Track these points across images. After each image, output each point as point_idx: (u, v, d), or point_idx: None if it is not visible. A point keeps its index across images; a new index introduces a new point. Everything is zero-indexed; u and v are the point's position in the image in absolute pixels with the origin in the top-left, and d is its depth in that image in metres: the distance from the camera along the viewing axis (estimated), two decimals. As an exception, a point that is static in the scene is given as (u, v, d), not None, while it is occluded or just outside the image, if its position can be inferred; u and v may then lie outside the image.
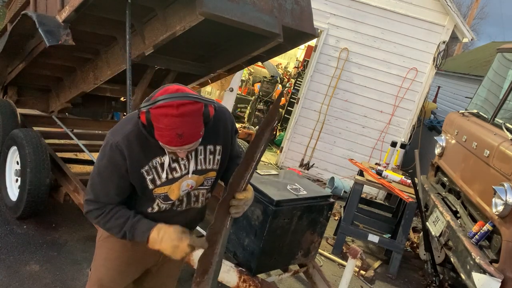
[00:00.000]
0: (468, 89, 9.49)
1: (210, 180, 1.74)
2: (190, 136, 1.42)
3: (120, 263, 1.80)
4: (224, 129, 1.71)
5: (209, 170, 1.70)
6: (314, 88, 6.57)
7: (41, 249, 3.18)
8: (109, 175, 1.58)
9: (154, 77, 3.87)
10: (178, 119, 1.38)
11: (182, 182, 1.64)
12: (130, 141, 1.54)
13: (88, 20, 3.01)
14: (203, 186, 1.73)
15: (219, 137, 1.69)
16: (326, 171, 6.77)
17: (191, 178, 1.66)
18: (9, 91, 4.18)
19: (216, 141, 1.68)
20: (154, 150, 1.56)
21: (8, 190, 3.57)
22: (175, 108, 1.37)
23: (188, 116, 1.40)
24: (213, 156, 1.68)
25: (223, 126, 1.70)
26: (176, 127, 1.39)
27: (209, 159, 1.68)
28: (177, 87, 1.45)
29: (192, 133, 1.43)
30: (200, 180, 1.70)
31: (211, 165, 1.69)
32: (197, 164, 1.65)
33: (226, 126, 1.71)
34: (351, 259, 2.71)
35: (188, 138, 1.42)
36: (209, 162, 1.68)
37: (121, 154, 1.54)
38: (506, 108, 3.95)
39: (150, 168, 1.58)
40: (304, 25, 3.11)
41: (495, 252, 3.14)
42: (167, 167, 1.59)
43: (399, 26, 6.23)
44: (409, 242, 5.15)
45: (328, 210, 2.86)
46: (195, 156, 1.63)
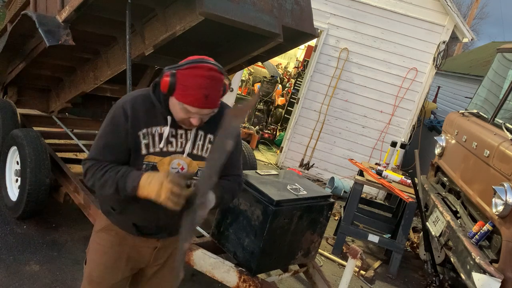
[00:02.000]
0: (468, 89, 9.49)
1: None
2: (213, 100, 1.49)
3: (108, 258, 1.79)
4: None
5: (204, 159, 1.68)
6: (314, 88, 6.58)
7: (41, 249, 3.18)
8: (108, 134, 1.60)
9: (154, 77, 3.87)
10: (208, 81, 1.46)
11: (174, 159, 1.63)
12: (135, 103, 1.59)
13: (88, 20, 3.01)
14: (197, 176, 1.69)
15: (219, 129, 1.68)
16: (326, 171, 6.77)
17: (184, 159, 1.65)
18: (9, 91, 4.18)
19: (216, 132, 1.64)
20: (157, 118, 1.59)
21: (8, 190, 3.57)
22: (206, 70, 1.47)
23: (216, 81, 1.48)
24: (211, 145, 1.69)
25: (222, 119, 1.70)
26: (204, 87, 1.46)
27: (207, 148, 1.68)
28: (202, 56, 1.53)
29: (215, 98, 1.50)
30: (194, 167, 1.68)
31: (207, 154, 1.69)
32: (193, 147, 1.65)
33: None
34: (351, 259, 2.71)
35: (212, 102, 1.49)
36: (206, 151, 1.68)
37: (124, 114, 1.57)
38: (506, 108, 3.95)
39: (148, 133, 1.59)
40: (304, 25, 3.11)
41: (495, 252, 3.14)
42: (165, 138, 1.60)
43: (399, 26, 6.23)
44: (409, 242, 5.15)
45: (328, 210, 2.86)
46: (193, 139, 1.65)
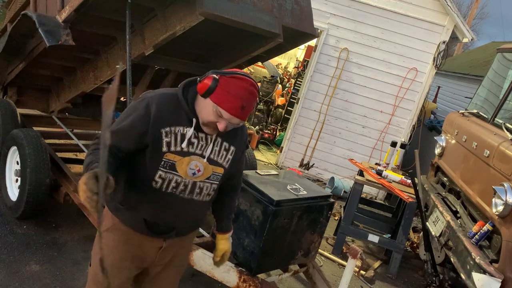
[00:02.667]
0: (468, 89, 9.49)
1: (217, 176, 1.77)
2: (247, 113, 1.59)
3: (114, 258, 1.78)
4: (241, 136, 1.82)
5: (218, 164, 1.76)
6: (314, 88, 6.58)
7: (41, 249, 3.18)
8: (123, 120, 1.64)
9: (154, 77, 3.87)
10: (248, 95, 1.56)
11: (193, 160, 1.68)
12: (162, 100, 1.63)
13: (88, 20, 3.01)
14: (209, 180, 1.76)
15: (235, 139, 1.78)
16: (326, 171, 6.77)
17: (202, 162, 1.70)
18: (9, 91, 4.18)
19: (232, 142, 1.78)
20: (181, 119, 1.64)
21: (8, 190, 3.57)
22: (249, 84, 1.57)
23: (254, 96, 1.59)
24: (226, 153, 1.76)
25: (240, 133, 1.81)
26: (244, 99, 1.56)
27: (222, 154, 1.76)
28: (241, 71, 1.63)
29: (248, 112, 1.60)
30: (209, 171, 1.74)
31: (222, 160, 1.76)
32: (212, 152, 1.72)
33: (242, 134, 1.83)
34: (351, 259, 2.71)
35: (245, 113, 1.59)
36: (221, 157, 1.76)
37: (146, 108, 1.60)
38: (506, 108, 3.95)
39: (171, 132, 1.63)
40: (304, 25, 3.11)
41: (495, 252, 3.14)
42: (187, 139, 1.65)
43: (399, 26, 6.23)
44: (409, 242, 5.15)
45: (328, 210, 2.86)
46: (212, 144, 1.72)
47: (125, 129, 1.63)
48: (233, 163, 1.81)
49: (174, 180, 1.68)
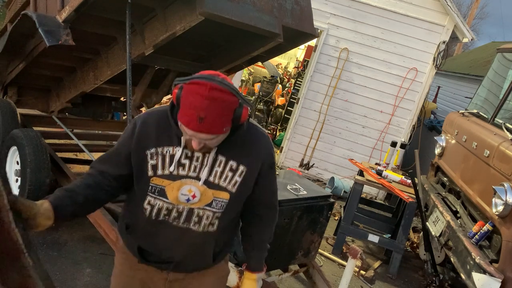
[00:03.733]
0: (468, 89, 9.48)
1: (221, 202, 1.50)
2: (210, 124, 1.31)
3: (119, 282, 1.72)
4: (256, 153, 1.53)
5: (222, 189, 1.49)
6: (314, 88, 6.57)
7: (41, 249, 3.17)
8: (115, 145, 1.56)
9: (154, 77, 3.87)
10: (206, 101, 1.28)
11: (185, 184, 1.47)
12: (149, 119, 1.49)
13: (88, 20, 3.01)
14: (211, 208, 1.50)
15: (246, 158, 1.51)
16: (326, 171, 6.77)
17: (198, 186, 1.47)
18: (9, 91, 4.17)
19: (242, 160, 1.50)
20: (170, 138, 1.46)
21: (8, 190, 3.57)
22: (207, 88, 1.28)
23: (217, 102, 1.29)
24: (232, 174, 1.49)
25: (255, 149, 1.53)
26: (200, 108, 1.28)
27: (226, 176, 1.49)
28: (217, 73, 1.37)
29: (214, 123, 1.31)
30: (209, 197, 1.49)
31: (225, 183, 1.49)
32: (210, 174, 1.47)
33: (259, 151, 1.54)
34: (351, 259, 2.71)
35: (208, 125, 1.30)
36: (225, 179, 1.49)
37: (132, 128, 1.49)
38: (506, 108, 3.95)
39: (157, 153, 1.46)
40: (304, 25, 3.11)
41: (495, 252, 3.14)
42: (176, 160, 1.45)
43: (399, 26, 6.23)
44: (409, 242, 5.15)
45: (328, 210, 2.86)
46: (211, 165, 1.47)
47: (112, 154, 1.55)
48: (244, 186, 1.52)
49: (164, 208, 1.50)
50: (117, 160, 1.53)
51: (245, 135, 1.49)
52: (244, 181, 1.51)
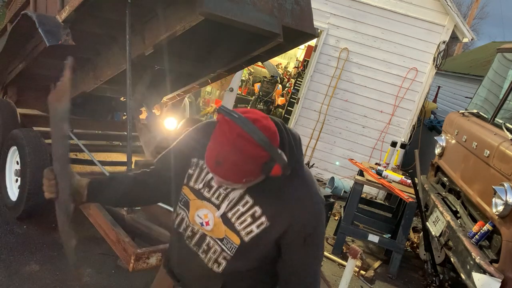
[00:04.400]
0: (468, 89, 9.49)
1: (230, 244, 1.35)
2: (227, 171, 1.19)
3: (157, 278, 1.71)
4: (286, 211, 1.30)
5: (235, 231, 1.34)
6: (314, 88, 6.57)
7: (41, 249, 3.17)
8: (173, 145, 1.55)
9: (154, 77, 3.87)
10: (227, 147, 1.17)
11: (203, 207, 1.39)
12: (205, 128, 1.43)
13: (88, 20, 3.01)
14: (220, 244, 1.37)
15: (273, 212, 1.31)
16: (326, 171, 6.77)
17: (214, 215, 1.38)
18: (9, 91, 4.18)
19: (267, 211, 1.31)
20: None
21: (8, 190, 3.57)
22: (234, 133, 1.16)
23: (238, 151, 1.16)
24: (251, 221, 1.32)
25: (288, 207, 1.31)
26: (219, 151, 1.18)
27: (245, 220, 1.33)
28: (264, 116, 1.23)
29: (230, 170, 1.19)
30: (221, 231, 1.37)
31: (240, 227, 1.33)
32: (231, 209, 1.35)
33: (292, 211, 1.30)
34: (351, 259, 2.71)
35: (224, 172, 1.20)
36: (242, 223, 1.33)
37: (189, 134, 1.48)
38: (506, 108, 3.95)
39: (198, 165, 1.42)
40: (304, 25, 3.11)
41: (495, 252, 3.14)
42: (207, 180, 1.38)
43: (399, 26, 6.23)
44: (409, 242, 5.15)
45: (328, 210, 2.86)
46: (236, 201, 1.34)
47: (166, 154, 1.55)
48: (259, 241, 1.32)
49: (185, 221, 1.44)
50: (167, 161, 1.52)
51: (286, 188, 1.31)
52: (260, 235, 1.31)
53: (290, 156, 1.26)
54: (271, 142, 1.18)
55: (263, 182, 1.27)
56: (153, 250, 2.42)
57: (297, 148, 1.34)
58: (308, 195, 1.33)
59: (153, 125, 3.92)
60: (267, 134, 1.18)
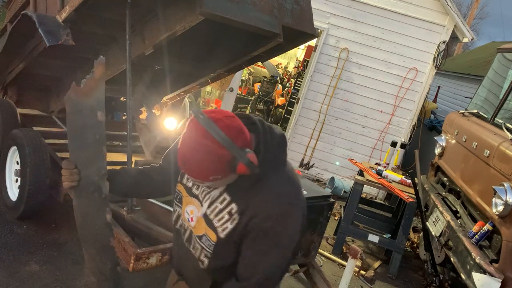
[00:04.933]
0: (468, 89, 9.49)
1: (208, 241, 1.37)
2: (192, 170, 1.24)
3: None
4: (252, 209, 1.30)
5: (212, 228, 1.36)
6: (314, 88, 6.57)
7: (41, 249, 3.18)
8: None
9: (154, 77, 3.87)
10: (190, 146, 1.22)
11: (191, 204, 1.43)
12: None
13: (88, 20, 3.01)
14: (201, 241, 1.39)
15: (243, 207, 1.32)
16: (326, 171, 6.77)
17: (198, 213, 1.41)
18: (9, 91, 4.17)
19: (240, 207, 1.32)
20: None
21: (8, 190, 3.57)
22: (198, 133, 1.21)
23: (200, 151, 1.21)
24: (228, 218, 1.33)
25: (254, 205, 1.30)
26: (185, 151, 1.23)
27: (222, 217, 1.34)
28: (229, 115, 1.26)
29: (195, 169, 1.23)
30: (201, 229, 1.39)
31: (218, 224, 1.35)
32: (211, 207, 1.37)
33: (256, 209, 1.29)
34: (351, 259, 2.71)
35: (190, 170, 1.25)
36: (220, 220, 1.35)
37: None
38: (506, 108, 3.95)
39: None
40: (304, 25, 3.10)
41: (495, 252, 3.14)
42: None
43: (399, 26, 6.23)
44: (409, 242, 5.15)
45: (328, 210, 2.86)
46: (214, 198, 1.37)
47: (169, 152, 1.61)
48: (232, 236, 1.32)
49: (180, 218, 1.48)
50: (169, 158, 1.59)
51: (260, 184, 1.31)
52: (233, 230, 1.32)
53: (264, 154, 1.28)
54: (233, 141, 1.21)
55: (240, 180, 1.30)
56: (153, 250, 2.42)
57: (278, 147, 1.35)
58: (277, 193, 1.32)
59: (153, 125, 3.92)
60: (229, 133, 1.21)
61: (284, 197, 1.33)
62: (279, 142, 1.36)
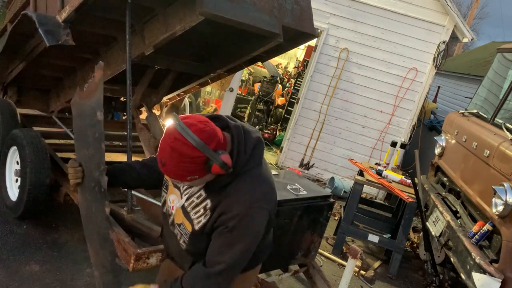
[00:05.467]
0: (468, 89, 9.49)
1: (185, 230, 1.55)
2: (170, 170, 1.37)
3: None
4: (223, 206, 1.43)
5: (189, 219, 1.52)
6: (314, 88, 6.57)
7: (41, 249, 3.18)
8: None
9: (154, 77, 3.87)
10: (168, 149, 1.34)
11: (173, 193, 1.59)
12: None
13: (88, 20, 3.01)
14: (179, 228, 1.58)
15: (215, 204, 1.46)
16: (326, 171, 6.77)
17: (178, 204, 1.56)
18: (9, 91, 4.17)
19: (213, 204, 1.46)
20: None
21: (8, 190, 3.57)
22: (172, 137, 1.33)
23: (175, 153, 1.33)
24: (203, 212, 1.49)
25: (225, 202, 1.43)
26: (162, 154, 1.36)
27: (198, 211, 1.50)
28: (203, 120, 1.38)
29: (173, 170, 1.37)
30: (179, 218, 1.57)
31: (194, 216, 1.50)
32: (189, 201, 1.52)
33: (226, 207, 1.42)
34: (351, 259, 2.70)
35: (169, 171, 1.38)
36: (196, 213, 1.50)
37: None
38: (506, 108, 3.95)
39: None
40: (304, 25, 3.11)
41: (495, 252, 3.14)
42: None
43: (399, 26, 6.23)
44: (409, 242, 5.15)
45: (328, 210, 2.86)
46: (192, 193, 1.51)
47: None
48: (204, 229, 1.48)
49: (166, 203, 1.64)
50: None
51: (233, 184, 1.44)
52: (205, 224, 1.47)
53: (238, 157, 1.41)
54: (207, 144, 1.33)
55: (217, 179, 1.42)
56: (153, 250, 2.42)
57: (253, 149, 1.45)
58: (246, 195, 1.43)
59: (153, 125, 3.92)
60: (202, 137, 1.33)
61: (252, 199, 1.43)
62: (254, 145, 1.47)
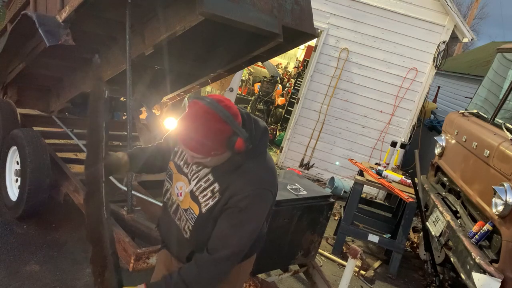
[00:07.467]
0: (468, 89, 9.49)
1: (191, 214, 1.55)
2: (196, 145, 1.37)
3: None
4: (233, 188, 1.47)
5: (197, 202, 1.53)
6: (314, 88, 6.57)
7: (41, 249, 3.18)
8: None
9: (154, 77, 3.87)
10: (197, 122, 1.36)
11: (181, 180, 1.61)
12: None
13: (88, 20, 3.01)
14: (186, 214, 1.58)
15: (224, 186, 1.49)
16: (326, 171, 6.77)
17: (186, 189, 1.58)
18: (9, 91, 4.17)
19: (222, 187, 1.49)
20: None
21: (8, 190, 3.57)
22: (202, 111, 1.35)
23: (202, 123, 1.35)
24: (210, 195, 1.51)
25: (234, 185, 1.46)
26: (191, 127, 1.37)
27: (206, 194, 1.52)
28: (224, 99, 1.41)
29: (199, 144, 1.36)
30: (187, 203, 1.57)
31: (203, 199, 1.52)
32: (197, 185, 1.54)
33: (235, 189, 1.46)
34: (351, 259, 2.70)
35: (194, 145, 1.38)
36: (204, 197, 1.52)
37: None
38: (506, 108, 3.95)
39: None
40: (304, 25, 3.11)
41: (495, 252, 3.14)
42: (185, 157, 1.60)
43: (399, 26, 6.23)
44: (409, 242, 5.15)
45: (328, 210, 2.86)
46: (201, 177, 1.54)
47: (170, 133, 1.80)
48: (212, 212, 1.49)
49: (169, 192, 1.69)
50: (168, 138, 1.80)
51: (242, 167, 1.47)
52: (213, 206, 1.49)
53: (249, 138, 1.42)
54: (234, 119, 1.37)
55: (224, 164, 1.47)
56: (153, 250, 2.42)
57: (260, 138, 1.51)
58: (254, 178, 1.48)
59: (153, 125, 3.92)
60: (230, 112, 1.38)
61: (261, 181, 1.49)
62: (262, 133, 1.52)
